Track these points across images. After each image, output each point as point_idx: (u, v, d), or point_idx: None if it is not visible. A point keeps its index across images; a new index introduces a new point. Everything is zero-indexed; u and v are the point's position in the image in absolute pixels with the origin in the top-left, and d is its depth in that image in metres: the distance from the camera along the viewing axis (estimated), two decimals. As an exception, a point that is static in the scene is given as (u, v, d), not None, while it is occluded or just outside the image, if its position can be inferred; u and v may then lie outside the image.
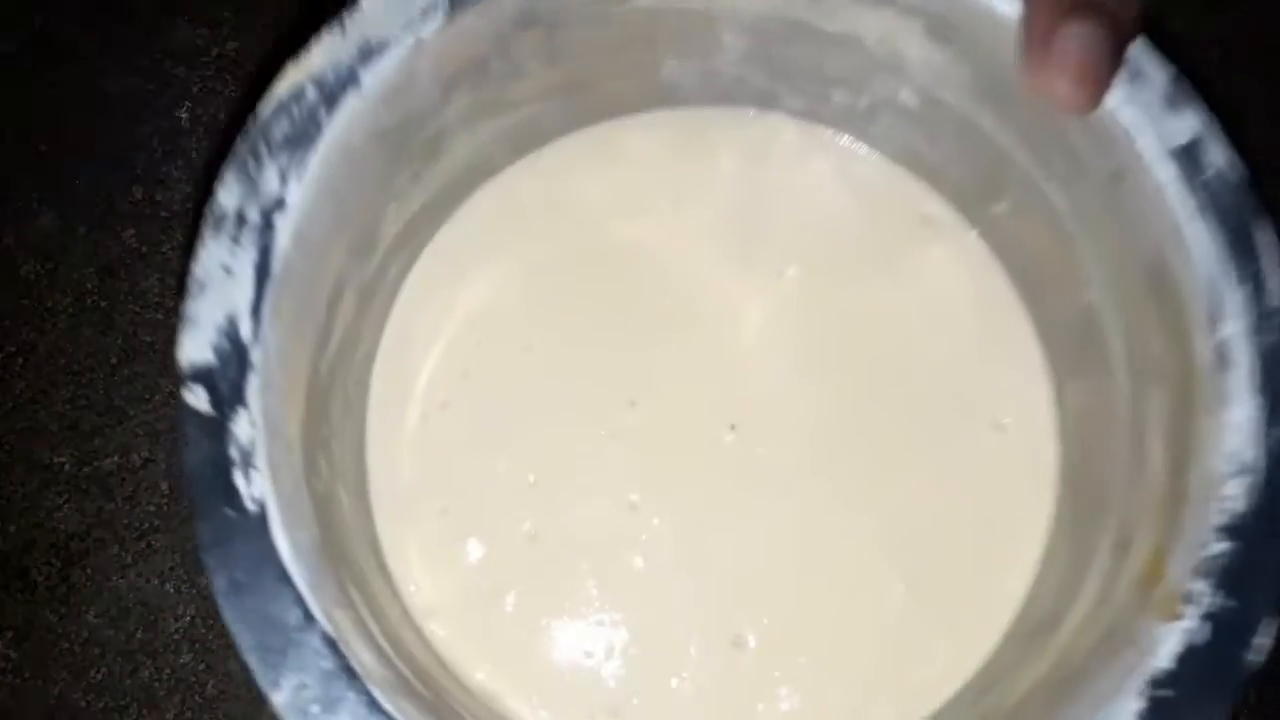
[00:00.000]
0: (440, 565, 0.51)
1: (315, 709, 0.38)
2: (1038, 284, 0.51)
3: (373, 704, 0.38)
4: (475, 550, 0.51)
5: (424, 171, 0.50)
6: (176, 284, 0.59)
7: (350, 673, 0.39)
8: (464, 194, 0.55)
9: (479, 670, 0.50)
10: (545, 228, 0.54)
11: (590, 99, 0.53)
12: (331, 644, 0.39)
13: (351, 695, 0.38)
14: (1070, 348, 0.50)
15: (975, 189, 0.52)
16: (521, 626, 0.50)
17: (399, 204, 0.50)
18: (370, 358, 0.53)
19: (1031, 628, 0.48)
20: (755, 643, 0.50)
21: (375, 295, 0.52)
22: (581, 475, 0.52)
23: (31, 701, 0.53)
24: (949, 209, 0.54)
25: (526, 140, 0.54)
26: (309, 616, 0.39)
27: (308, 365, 0.45)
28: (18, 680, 0.54)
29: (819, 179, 0.54)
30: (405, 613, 0.51)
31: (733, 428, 0.52)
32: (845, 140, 0.54)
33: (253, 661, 0.38)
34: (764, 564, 0.51)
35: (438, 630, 0.51)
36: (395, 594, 0.51)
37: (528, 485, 0.51)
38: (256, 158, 0.42)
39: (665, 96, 0.54)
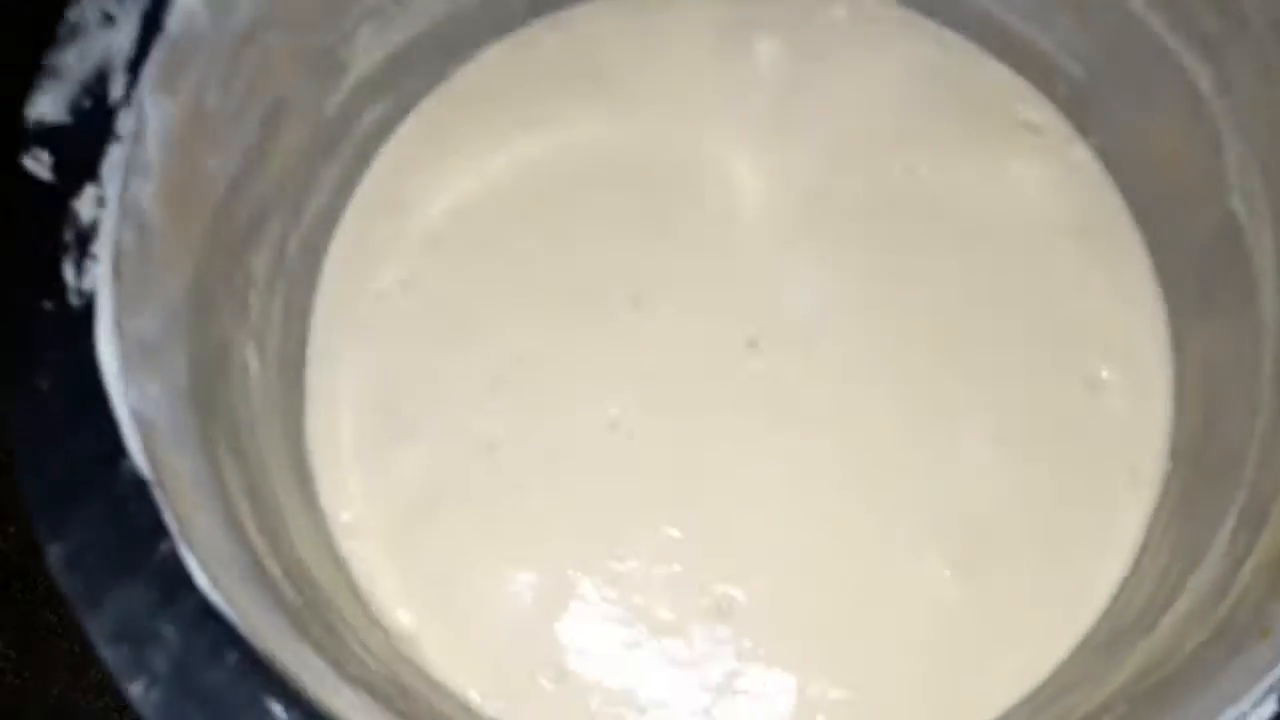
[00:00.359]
0: (373, 469, 0.41)
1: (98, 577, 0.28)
2: (1160, 200, 0.41)
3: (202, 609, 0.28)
4: (417, 455, 0.41)
5: (409, -15, 0.41)
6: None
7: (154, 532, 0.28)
8: (465, 49, 0.45)
9: (401, 609, 0.40)
10: (558, 96, 0.45)
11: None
12: (141, 490, 0.29)
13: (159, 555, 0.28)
14: (1197, 279, 0.39)
15: (1091, 83, 0.41)
16: (459, 556, 0.40)
17: (375, 26, 0.41)
18: (328, 219, 0.44)
19: (1117, 630, 0.36)
20: (743, 611, 0.38)
21: (340, 141, 0.43)
22: (559, 379, 0.41)
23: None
24: (1056, 114, 0.43)
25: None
26: (116, 450, 0.29)
27: (219, 181, 0.36)
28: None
29: (890, 68, 0.44)
30: (317, 524, 0.41)
31: (753, 344, 0.41)
32: (929, 23, 0.44)
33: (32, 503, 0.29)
34: (769, 518, 0.40)
35: (356, 550, 0.40)
36: (309, 497, 0.41)
37: (491, 384, 0.41)
38: (167, -118, 0.33)
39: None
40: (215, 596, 0.29)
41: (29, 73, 0.32)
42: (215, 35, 0.35)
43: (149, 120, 0.33)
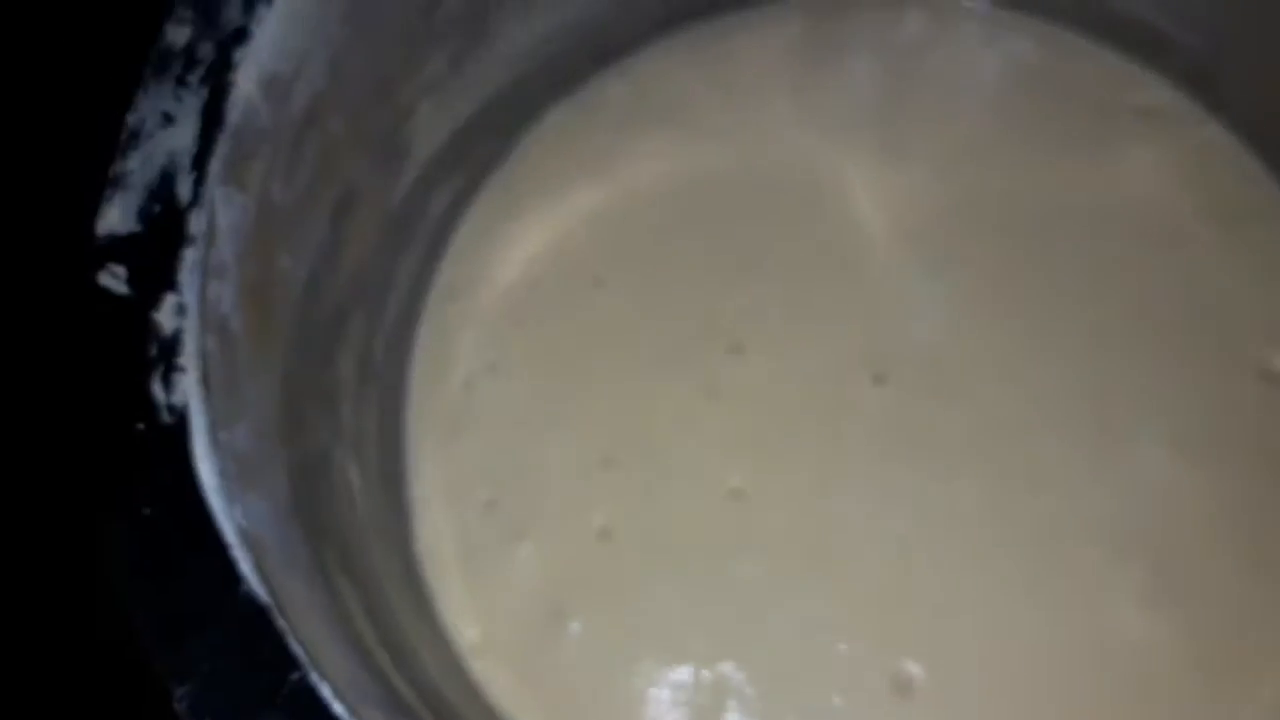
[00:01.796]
0: (488, 578, 0.38)
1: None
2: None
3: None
4: (531, 555, 0.38)
5: (466, 58, 0.39)
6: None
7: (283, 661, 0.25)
8: (530, 113, 0.43)
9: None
10: (629, 143, 0.43)
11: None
12: (262, 616, 0.26)
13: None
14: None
15: (1215, 54, 0.38)
16: (594, 664, 0.37)
17: (434, 102, 0.39)
18: (410, 313, 0.42)
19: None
20: (925, 686, 0.34)
21: (413, 227, 0.41)
22: (668, 450, 0.38)
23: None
24: (1176, 94, 0.40)
25: (605, 41, 0.43)
26: (230, 576, 0.26)
27: (296, 280, 0.34)
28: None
29: (986, 70, 0.42)
30: (442, 644, 0.38)
31: (878, 380, 0.37)
32: (1018, 16, 0.41)
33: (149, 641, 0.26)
34: (927, 574, 0.36)
35: (485, 669, 0.37)
36: (429, 616, 0.38)
37: (598, 465, 0.38)
38: (216, -19, 0.32)
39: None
40: (356, 726, 0.26)
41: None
42: (276, 123, 0.33)
43: (220, 218, 0.31)
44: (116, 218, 0.30)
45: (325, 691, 0.26)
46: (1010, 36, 0.41)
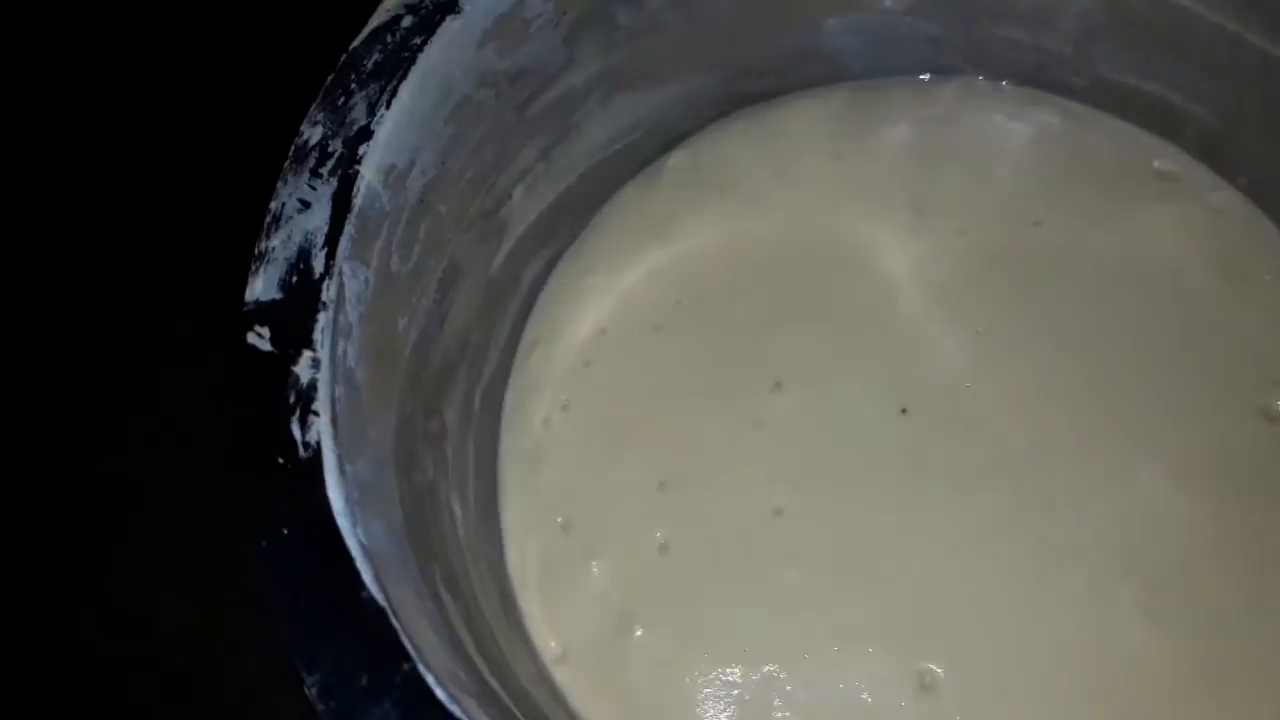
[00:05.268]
0: (565, 593, 0.42)
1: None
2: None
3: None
4: (601, 571, 0.42)
5: (554, 150, 0.45)
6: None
7: (398, 650, 0.30)
8: (607, 192, 0.49)
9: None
10: (688, 210, 0.47)
11: (739, 68, 0.47)
12: (381, 617, 0.31)
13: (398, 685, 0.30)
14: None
15: (1225, 126, 0.42)
16: (661, 667, 0.40)
17: (527, 186, 0.45)
18: (504, 368, 0.47)
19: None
20: (947, 684, 0.38)
21: (508, 295, 0.46)
22: (718, 475, 0.42)
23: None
24: (1192, 161, 0.43)
25: (673, 128, 0.48)
26: (358, 584, 0.31)
27: (408, 340, 0.40)
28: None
29: (1014, 138, 0.45)
30: (529, 655, 0.42)
31: (904, 412, 0.41)
32: (1042, 94, 0.45)
33: (287, 638, 0.31)
34: (950, 585, 0.39)
35: (567, 676, 0.42)
36: (519, 629, 0.42)
37: (656, 489, 0.42)
38: (345, 90, 0.38)
39: (828, 66, 0.47)
40: (457, 710, 0.30)
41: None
42: (394, 207, 0.38)
43: (347, 288, 0.36)
44: (261, 287, 0.36)
45: (431, 680, 0.30)
46: (1034, 109, 0.45)
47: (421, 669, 0.30)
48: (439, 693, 0.30)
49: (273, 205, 0.37)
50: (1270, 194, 0.42)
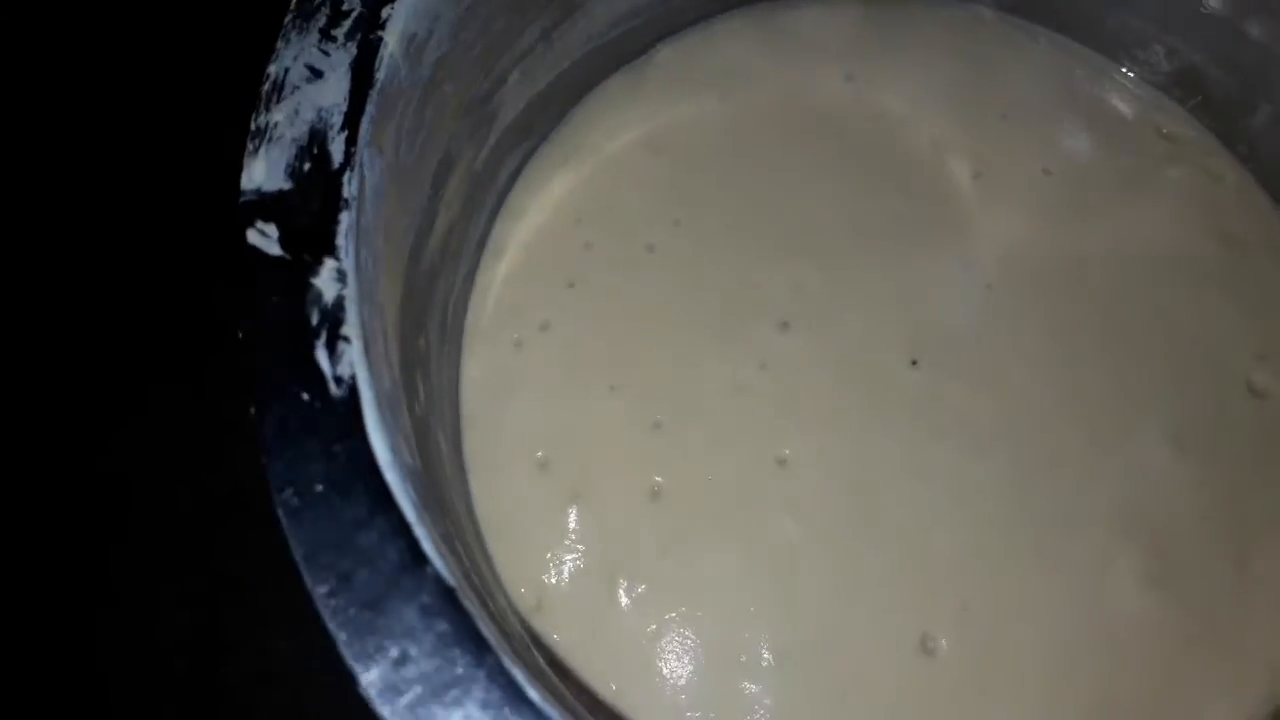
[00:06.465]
0: (545, 539, 0.37)
1: (418, 691, 0.25)
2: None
3: (511, 689, 0.25)
4: (586, 516, 0.37)
5: (555, 30, 0.38)
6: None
7: (478, 641, 0.25)
8: (593, 84, 0.43)
9: (599, 682, 0.37)
10: (682, 108, 0.42)
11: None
12: (450, 596, 0.25)
13: (481, 675, 0.25)
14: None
15: (1233, 98, 0.41)
16: (641, 618, 0.36)
17: (522, 70, 0.38)
18: (470, 277, 0.41)
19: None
20: (948, 648, 0.36)
21: (486, 193, 0.40)
22: (718, 417, 0.38)
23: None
24: (1198, 126, 0.42)
25: (674, 20, 0.43)
26: (416, 555, 0.25)
27: (405, 245, 0.33)
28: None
29: (1029, 86, 0.43)
30: (510, 603, 0.37)
31: (914, 363, 0.39)
32: (1064, 40, 0.43)
33: (334, 625, 0.25)
34: (953, 541, 0.37)
35: (546, 626, 0.37)
36: (495, 575, 0.37)
37: (649, 428, 0.38)
38: (362, -68, 0.30)
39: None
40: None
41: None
42: (410, 85, 0.31)
43: (370, 185, 0.29)
44: (263, 172, 0.28)
45: (519, 676, 0.25)
46: (1059, 56, 0.43)
47: (506, 661, 0.25)
48: (530, 692, 0.25)
49: (272, 69, 0.30)
50: (1266, 164, 0.41)
